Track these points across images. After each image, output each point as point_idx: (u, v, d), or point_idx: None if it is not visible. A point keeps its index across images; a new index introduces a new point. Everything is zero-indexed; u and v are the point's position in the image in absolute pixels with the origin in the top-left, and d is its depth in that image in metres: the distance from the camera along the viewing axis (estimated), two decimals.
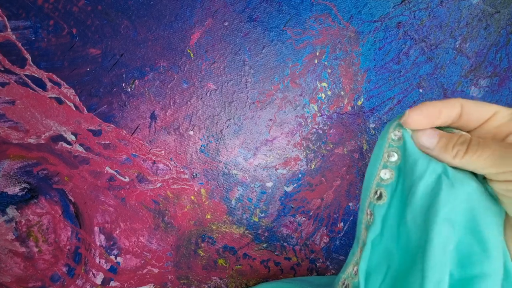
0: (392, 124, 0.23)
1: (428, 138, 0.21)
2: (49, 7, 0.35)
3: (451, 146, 0.20)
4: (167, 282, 0.41)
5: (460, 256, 0.20)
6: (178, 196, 0.40)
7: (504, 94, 0.45)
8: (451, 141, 0.21)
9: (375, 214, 0.23)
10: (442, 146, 0.21)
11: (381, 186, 0.23)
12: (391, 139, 0.23)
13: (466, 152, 0.20)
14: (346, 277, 0.25)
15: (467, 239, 0.20)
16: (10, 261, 0.37)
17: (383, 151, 0.23)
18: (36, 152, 0.37)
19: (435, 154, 0.21)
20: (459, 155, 0.20)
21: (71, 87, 0.36)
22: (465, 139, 0.20)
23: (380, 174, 0.23)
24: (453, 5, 0.41)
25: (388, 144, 0.23)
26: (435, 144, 0.21)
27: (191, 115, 0.39)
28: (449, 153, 0.20)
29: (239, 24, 0.38)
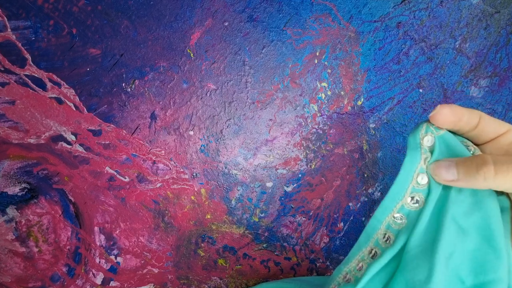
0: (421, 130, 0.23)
1: (446, 170, 0.21)
2: (49, 7, 0.35)
3: (474, 170, 0.20)
4: (167, 282, 0.41)
5: (474, 264, 0.21)
6: (178, 196, 0.40)
7: (504, 94, 0.45)
8: (471, 165, 0.20)
9: (410, 219, 0.23)
10: (465, 173, 0.20)
11: (418, 191, 0.23)
12: (424, 149, 0.23)
13: (496, 172, 0.19)
14: (348, 271, 0.25)
15: (483, 246, 0.21)
16: (10, 261, 0.37)
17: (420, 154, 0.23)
18: (36, 152, 0.37)
19: (462, 184, 0.21)
20: (489, 177, 0.19)
21: (71, 87, 0.36)
22: (484, 159, 0.20)
23: (417, 179, 0.23)
24: (453, 5, 0.41)
25: (423, 148, 0.23)
26: (456, 174, 0.21)
27: (191, 115, 0.39)
28: (477, 177, 0.20)
29: (239, 24, 0.38)
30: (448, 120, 0.22)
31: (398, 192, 0.24)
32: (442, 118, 0.22)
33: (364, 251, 0.25)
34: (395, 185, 0.24)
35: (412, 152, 0.23)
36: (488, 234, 0.21)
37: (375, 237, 0.24)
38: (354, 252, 0.25)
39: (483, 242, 0.21)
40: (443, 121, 0.22)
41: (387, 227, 0.24)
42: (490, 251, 0.20)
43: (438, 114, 0.22)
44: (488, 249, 0.20)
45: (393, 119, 0.43)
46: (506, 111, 0.46)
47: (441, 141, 0.22)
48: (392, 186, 0.24)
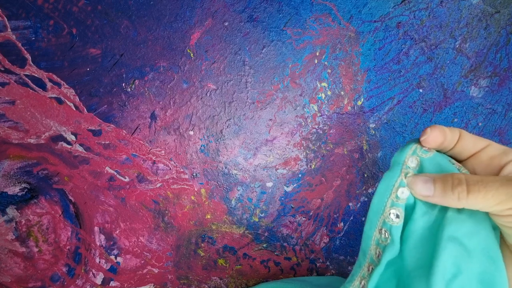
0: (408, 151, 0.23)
1: (423, 184, 0.22)
2: (49, 7, 0.35)
3: (449, 188, 0.20)
4: (167, 282, 0.41)
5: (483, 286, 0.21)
6: (178, 196, 0.40)
7: (504, 94, 0.45)
8: (447, 183, 0.21)
9: (393, 235, 0.23)
10: (439, 190, 0.21)
11: (398, 206, 0.23)
12: (407, 164, 0.23)
13: (469, 192, 0.20)
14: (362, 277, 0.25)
15: (490, 267, 0.21)
16: (10, 261, 0.37)
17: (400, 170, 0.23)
18: (36, 152, 0.37)
19: (437, 200, 0.21)
20: (462, 197, 0.20)
21: (71, 87, 0.36)
22: (459, 178, 0.20)
23: (396, 193, 0.23)
24: (453, 5, 0.41)
25: (405, 166, 0.23)
26: (433, 190, 0.21)
27: (191, 115, 0.39)
28: (452, 196, 0.20)
29: (239, 24, 0.38)
30: (438, 140, 0.22)
31: (378, 206, 0.24)
32: (433, 140, 0.22)
33: (364, 268, 0.25)
34: (375, 198, 0.24)
35: (394, 167, 0.24)
36: (493, 255, 0.21)
37: (370, 254, 0.25)
38: (356, 270, 0.25)
39: (489, 263, 0.21)
40: (434, 142, 0.23)
41: (377, 243, 0.24)
42: (497, 272, 0.21)
43: (430, 136, 0.23)
44: (495, 270, 0.21)
45: (393, 119, 0.43)
46: (506, 111, 0.46)
47: (431, 162, 0.23)
48: (372, 199, 0.25)
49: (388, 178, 0.24)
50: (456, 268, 0.21)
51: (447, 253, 0.21)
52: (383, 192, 0.24)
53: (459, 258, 0.21)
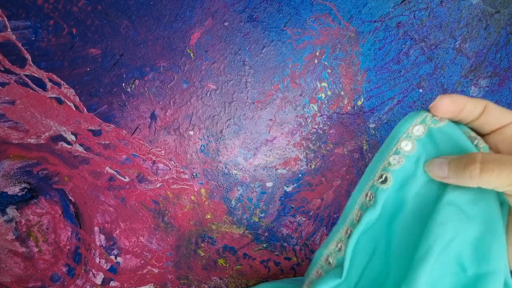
0: (416, 118, 0.23)
1: (439, 167, 0.21)
2: (49, 7, 0.35)
3: (462, 168, 0.20)
4: (167, 282, 0.41)
5: (478, 253, 0.20)
6: (178, 196, 0.40)
7: (504, 94, 0.45)
8: (460, 162, 0.20)
9: (377, 197, 0.23)
10: (453, 170, 0.21)
11: (388, 171, 0.23)
12: (412, 131, 0.23)
13: (482, 171, 0.19)
14: (329, 253, 0.25)
15: (487, 236, 0.20)
16: (10, 261, 0.37)
17: (399, 138, 0.23)
18: (36, 152, 0.37)
19: (452, 181, 0.21)
20: (474, 175, 0.19)
21: (71, 87, 0.36)
22: (475, 157, 0.20)
23: (389, 159, 0.23)
24: (453, 5, 0.41)
25: (407, 134, 0.23)
26: (447, 170, 0.21)
27: (191, 115, 0.39)
28: (464, 175, 0.20)
29: (239, 24, 0.38)
30: (448, 110, 0.22)
31: (370, 171, 0.24)
32: (442, 109, 0.22)
33: (341, 232, 0.25)
34: (369, 166, 0.25)
35: (394, 135, 0.23)
36: (493, 225, 0.20)
37: (350, 217, 0.25)
38: (332, 235, 0.26)
39: (488, 231, 0.20)
40: (443, 111, 0.22)
41: (360, 206, 0.24)
42: (495, 241, 0.20)
43: (438, 104, 0.22)
44: (493, 239, 0.20)
45: (393, 119, 0.43)
46: None
47: (441, 133, 0.22)
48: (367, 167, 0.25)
49: (385, 145, 0.24)
50: (454, 231, 0.21)
51: (444, 216, 0.21)
52: (378, 158, 0.24)
53: (457, 222, 0.21)
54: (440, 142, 0.22)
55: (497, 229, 0.20)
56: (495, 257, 0.20)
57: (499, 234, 0.20)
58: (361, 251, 0.24)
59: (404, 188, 0.23)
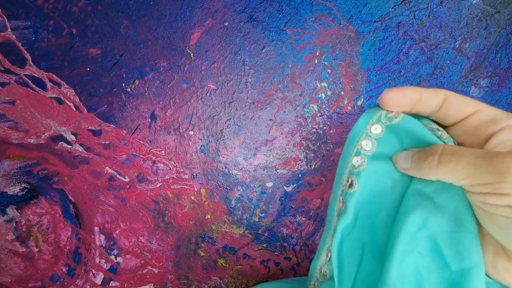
0: (372, 117, 0.22)
1: (404, 159, 0.21)
2: (49, 7, 0.35)
3: (423, 158, 0.19)
4: (167, 282, 0.41)
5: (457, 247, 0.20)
6: (178, 196, 0.40)
7: (504, 94, 0.45)
8: (423, 153, 0.20)
9: (347, 202, 0.23)
10: (415, 161, 0.20)
11: (353, 174, 0.23)
12: (370, 131, 0.22)
13: (439, 162, 0.18)
14: (321, 264, 0.25)
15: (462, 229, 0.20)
16: (10, 261, 0.37)
17: (358, 138, 0.23)
18: (36, 152, 0.37)
19: (412, 172, 0.20)
20: (432, 167, 0.19)
21: (71, 87, 0.36)
22: (436, 149, 0.19)
23: (352, 161, 0.23)
24: (453, 5, 0.41)
25: (365, 133, 0.22)
26: (410, 162, 0.20)
27: (191, 115, 0.39)
28: (423, 166, 0.19)
29: (239, 24, 0.38)
30: (398, 103, 0.21)
31: (338, 176, 0.24)
32: (390, 103, 0.21)
33: (328, 241, 0.25)
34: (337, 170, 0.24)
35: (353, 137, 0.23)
36: (464, 215, 0.20)
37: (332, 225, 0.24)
38: (321, 244, 0.25)
39: (461, 223, 0.20)
40: (392, 106, 0.21)
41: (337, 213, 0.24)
42: (469, 234, 0.20)
43: (384, 99, 0.21)
44: (467, 232, 0.20)
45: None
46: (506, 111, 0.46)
47: (400, 129, 0.21)
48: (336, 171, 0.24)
49: (346, 147, 0.23)
50: (422, 220, 0.20)
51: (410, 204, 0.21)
52: (342, 162, 0.24)
53: (425, 210, 0.20)
54: (401, 136, 0.22)
55: (468, 220, 0.20)
56: (473, 250, 0.19)
57: (472, 226, 0.20)
58: (350, 256, 0.24)
59: (373, 187, 0.23)
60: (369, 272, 0.23)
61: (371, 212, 0.23)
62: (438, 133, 0.21)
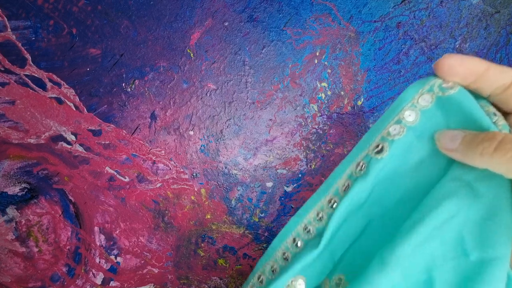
0: (424, 86, 0.20)
1: (450, 138, 0.18)
2: (49, 7, 0.35)
3: (476, 143, 0.17)
4: (167, 282, 0.41)
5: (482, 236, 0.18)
6: (178, 196, 0.40)
7: None
8: (477, 136, 0.17)
9: (369, 167, 0.21)
10: (466, 143, 0.18)
11: (386, 141, 0.21)
12: (418, 101, 0.20)
13: (496, 149, 0.16)
14: (308, 222, 0.24)
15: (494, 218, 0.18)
16: (10, 261, 0.37)
17: (402, 107, 0.21)
18: (36, 152, 0.37)
19: (458, 155, 0.18)
20: (486, 153, 0.16)
21: (71, 87, 0.36)
22: (495, 135, 0.17)
23: (389, 129, 0.21)
24: (453, 5, 0.41)
25: (411, 103, 0.20)
26: (458, 143, 0.18)
27: (191, 115, 0.39)
28: (475, 150, 0.17)
29: (239, 24, 0.38)
30: (455, 71, 0.18)
31: (366, 140, 0.22)
32: (447, 70, 0.18)
33: (323, 201, 0.23)
34: (365, 134, 0.23)
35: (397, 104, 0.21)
36: (501, 207, 0.18)
37: (335, 187, 0.23)
38: (311, 203, 0.24)
39: (495, 213, 0.18)
40: (449, 73, 0.18)
41: (348, 176, 0.22)
42: (502, 225, 0.18)
43: (441, 64, 0.19)
44: (500, 222, 0.18)
45: None
46: None
47: (451, 102, 0.19)
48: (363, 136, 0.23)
49: (386, 114, 0.21)
50: (457, 208, 0.18)
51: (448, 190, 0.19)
52: (377, 127, 0.22)
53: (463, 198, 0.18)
54: (450, 113, 0.19)
55: (505, 212, 0.18)
56: (501, 242, 0.18)
57: (507, 218, 0.18)
58: (350, 225, 0.22)
59: (403, 162, 0.21)
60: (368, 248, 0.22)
61: (390, 188, 0.22)
62: (494, 118, 0.19)
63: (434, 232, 0.19)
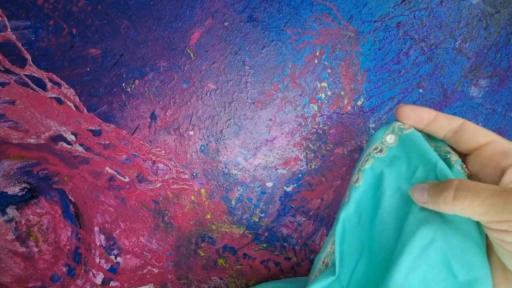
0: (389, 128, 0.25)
1: (420, 192, 0.21)
2: (49, 7, 0.35)
3: (438, 193, 0.19)
4: (167, 282, 0.41)
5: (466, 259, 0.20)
6: (178, 196, 0.40)
7: (504, 94, 0.45)
8: (438, 187, 0.20)
9: (350, 194, 0.25)
10: (431, 195, 0.20)
11: (360, 171, 0.25)
12: (385, 139, 0.25)
13: (454, 198, 0.18)
14: (325, 255, 0.26)
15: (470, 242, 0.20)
16: (10, 261, 0.37)
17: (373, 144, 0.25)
18: (36, 152, 0.37)
19: (430, 206, 0.21)
20: (447, 202, 0.19)
21: (71, 87, 0.36)
22: (450, 184, 0.19)
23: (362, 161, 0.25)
24: (453, 5, 0.41)
25: (380, 141, 0.25)
26: (426, 196, 0.20)
27: (191, 115, 0.39)
28: (438, 201, 0.19)
29: (239, 24, 0.38)
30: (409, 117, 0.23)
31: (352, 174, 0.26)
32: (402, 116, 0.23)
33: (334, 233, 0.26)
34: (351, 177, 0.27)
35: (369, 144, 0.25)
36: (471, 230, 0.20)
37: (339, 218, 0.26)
38: (328, 237, 0.27)
39: (469, 236, 0.20)
40: (404, 118, 0.23)
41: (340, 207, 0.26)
42: (476, 247, 0.20)
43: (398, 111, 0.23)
44: (475, 245, 0.20)
45: (393, 119, 0.43)
46: (506, 111, 0.46)
47: (407, 140, 0.24)
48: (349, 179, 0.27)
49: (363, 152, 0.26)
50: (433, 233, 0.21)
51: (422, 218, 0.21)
52: (358, 162, 0.26)
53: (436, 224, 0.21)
54: (409, 149, 0.24)
55: (476, 235, 0.20)
56: (480, 263, 0.20)
57: (479, 240, 0.20)
58: (351, 249, 0.25)
59: (376, 188, 0.25)
60: (365, 269, 0.24)
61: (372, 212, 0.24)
62: (448, 155, 0.22)
63: (418, 260, 0.21)
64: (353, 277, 0.24)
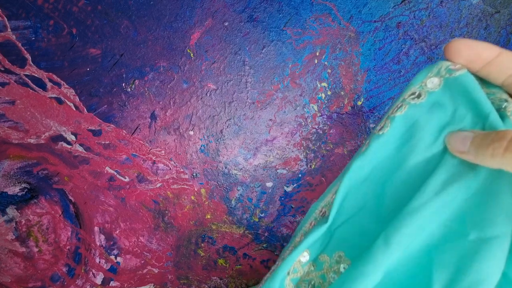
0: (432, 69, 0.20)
1: (462, 141, 0.18)
2: (49, 7, 0.35)
3: (486, 144, 0.17)
4: (167, 282, 0.41)
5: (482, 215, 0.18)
6: (178, 196, 0.40)
7: None
8: (487, 137, 0.17)
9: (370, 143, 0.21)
10: (476, 145, 0.17)
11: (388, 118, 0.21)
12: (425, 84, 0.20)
13: (506, 150, 0.16)
14: (324, 205, 0.24)
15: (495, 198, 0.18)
16: (10, 261, 0.37)
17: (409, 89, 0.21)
18: (36, 152, 0.37)
19: (470, 157, 0.18)
20: (497, 154, 0.16)
21: (71, 87, 0.36)
22: (504, 135, 0.16)
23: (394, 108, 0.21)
24: (453, 5, 0.41)
25: (419, 86, 0.20)
26: (468, 145, 0.18)
27: (191, 115, 0.39)
28: (485, 152, 0.17)
29: (239, 24, 0.38)
30: (461, 55, 0.18)
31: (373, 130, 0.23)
32: (453, 53, 0.18)
33: (337, 185, 0.24)
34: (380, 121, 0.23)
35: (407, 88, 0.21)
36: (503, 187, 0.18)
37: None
38: (330, 187, 0.25)
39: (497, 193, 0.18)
40: (455, 57, 0.18)
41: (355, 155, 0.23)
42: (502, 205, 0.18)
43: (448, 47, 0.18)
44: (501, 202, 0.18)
45: None
46: None
47: (456, 84, 0.19)
48: None
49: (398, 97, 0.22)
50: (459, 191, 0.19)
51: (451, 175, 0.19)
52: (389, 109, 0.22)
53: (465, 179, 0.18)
54: (456, 95, 0.19)
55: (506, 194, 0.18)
56: (501, 221, 0.18)
57: (508, 200, 0.18)
58: (351, 204, 0.23)
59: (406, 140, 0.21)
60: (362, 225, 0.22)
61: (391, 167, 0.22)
62: (504, 104, 0.18)
63: (435, 214, 0.19)
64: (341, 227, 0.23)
